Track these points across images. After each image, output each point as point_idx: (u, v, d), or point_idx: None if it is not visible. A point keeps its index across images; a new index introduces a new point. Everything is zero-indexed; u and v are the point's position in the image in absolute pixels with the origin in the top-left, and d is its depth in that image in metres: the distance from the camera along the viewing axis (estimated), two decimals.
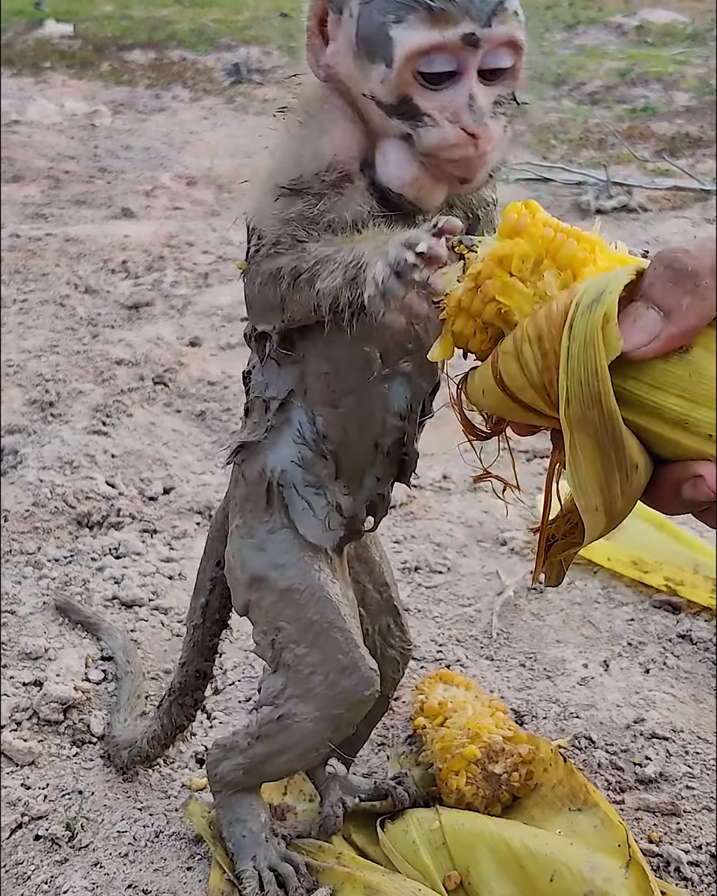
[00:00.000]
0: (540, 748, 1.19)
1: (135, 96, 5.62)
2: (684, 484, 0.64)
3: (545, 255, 0.68)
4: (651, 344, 0.61)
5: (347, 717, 0.96)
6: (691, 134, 4.65)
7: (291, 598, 0.96)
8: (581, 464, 0.65)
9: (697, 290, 0.60)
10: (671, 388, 0.63)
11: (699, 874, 1.14)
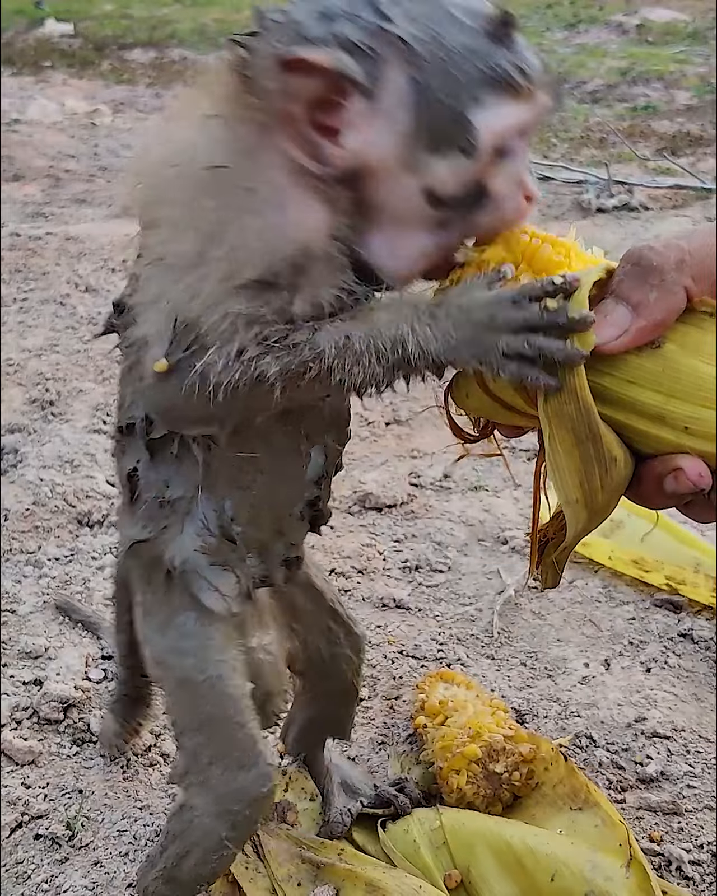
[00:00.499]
0: (541, 747, 1.19)
1: (135, 95, 5.61)
2: (665, 477, 0.65)
3: (522, 260, 0.70)
4: (622, 337, 0.63)
5: (244, 815, 0.90)
6: (692, 133, 4.64)
7: (189, 689, 0.90)
8: (561, 457, 0.67)
9: (663, 285, 0.62)
10: (646, 382, 0.65)
11: (701, 873, 1.14)
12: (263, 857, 1.10)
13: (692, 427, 0.64)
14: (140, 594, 0.92)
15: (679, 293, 0.63)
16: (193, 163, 0.70)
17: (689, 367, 0.64)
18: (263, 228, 0.68)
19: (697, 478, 0.64)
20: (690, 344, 0.65)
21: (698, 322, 0.65)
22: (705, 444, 0.64)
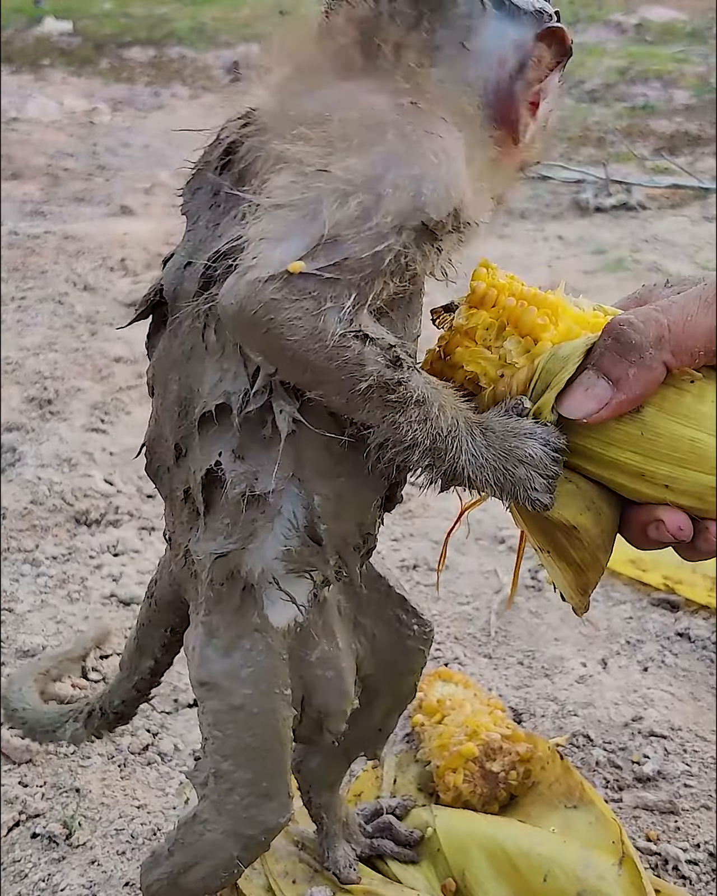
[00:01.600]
0: (538, 746, 1.19)
1: (134, 94, 5.61)
2: (649, 526, 0.69)
3: (508, 323, 0.72)
4: (602, 411, 0.66)
5: (257, 840, 0.89)
6: (690, 132, 4.64)
7: (237, 717, 0.86)
8: (522, 517, 0.73)
9: (642, 361, 0.65)
10: (626, 445, 0.68)
11: (698, 872, 1.14)
12: None
13: (672, 485, 0.68)
14: (204, 613, 0.85)
15: (658, 368, 0.65)
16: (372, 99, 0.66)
17: (667, 430, 0.67)
18: (447, 176, 0.65)
19: (676, 531, 0.68)
20: (668, 407, 0.67)
21: (678, 385, 0.67)
22: (686, 499, 0.68)
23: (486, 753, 1.16)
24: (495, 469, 0.69)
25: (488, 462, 0.69)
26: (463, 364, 0.72)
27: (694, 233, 3.36)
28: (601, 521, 0.71)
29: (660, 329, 0.65)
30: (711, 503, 0.67)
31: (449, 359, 0.73)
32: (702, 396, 0.67)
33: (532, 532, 0.73)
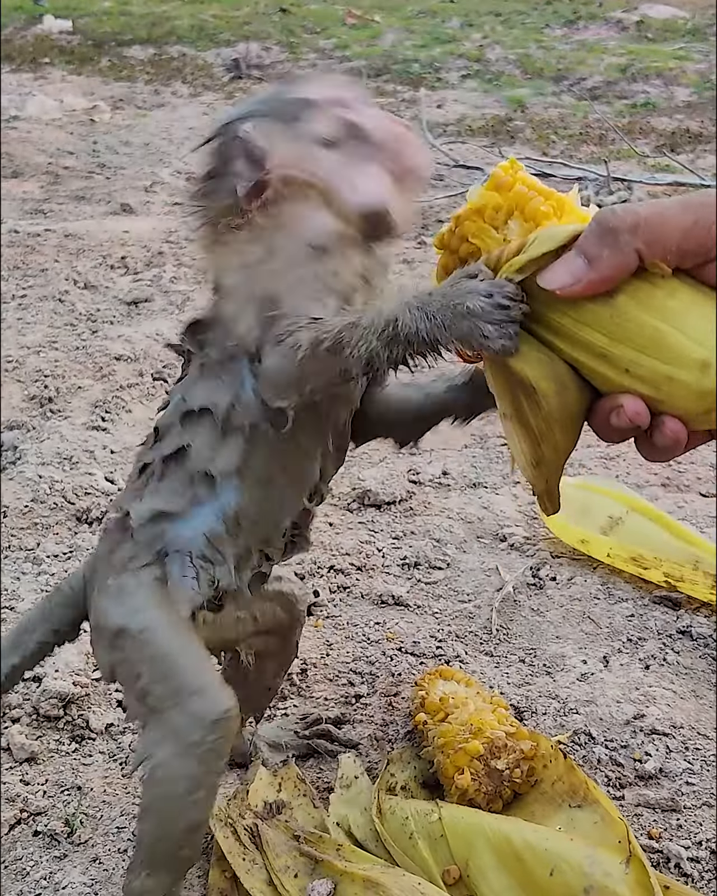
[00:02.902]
0: (540, 744, 1.19)
1: (134, 92, 5.61)
2: (611, 413, 0.74)
3: (515, 208, 0.81)
4: (575, 285, 0.72)
5: (207, 745, 0.90)
6: (691, 129, 4.64)
7: (145, 638, 0.94)
8: (491, 378, 0.78)
9: (616, 244, 0.70)
10: (596, 325, 0.73)
11: (700, 870, 1.14)
12: (261, 847, 1.11)
13: (632, 370, 0.72)
14: (112, 578, 0.98)
15: (630, 254, 0.70)
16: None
17: (635, 317, 0.72)
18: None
19: (634, 415, 0.73)
20: (639, 297, 0.72)
21: (651, 280, 0.72)
22: (643, 386, 0.73)
23: (491, 751, 1.16)
24: (441, 327, 0.78)
25: (432, 325, 0.78)
26: (469, 236, 0.82)
27: None
28: (565, 396, 0.76)
29: (636, 218, 0.70)
30: (666, 393, 0.72)
31: (458, 230, 0.83)
32: (673, 293, 0.72)
33: (498, 393, 0.77)
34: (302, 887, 1.05)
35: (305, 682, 1.42)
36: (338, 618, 1.56)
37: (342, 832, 1.15)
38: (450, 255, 0.85)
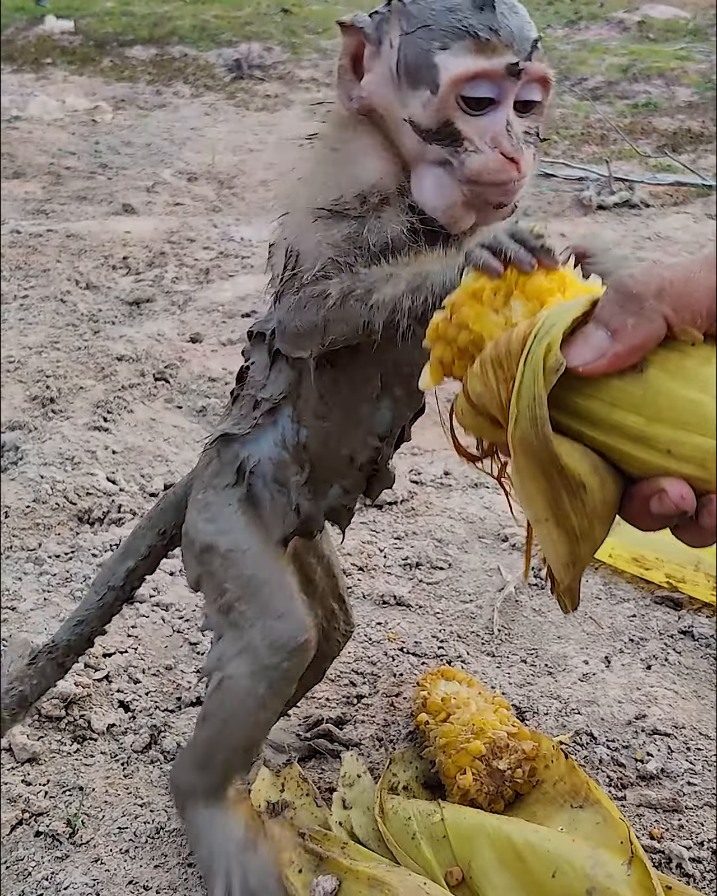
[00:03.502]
0: (542, 744, 1.19)
1: (136, 92, 5.61)
2: (651, 499, 0.67)
3: (515, 287, 0.73)
4: (599, 361, 0.66)
5: (281, 670, 0.96)
6: (692, 129, 4.64)
7: (233, 558, 1.00)
8: (526, 480, 0.69)
9: (641, 312, 0.64)
10: (629, 406, 0.66)
11: (701, 871, 1.14)
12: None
13: (674, 450, 0.66)
14: (201, 493, 1.04)
15: (657, 321, 0.65)
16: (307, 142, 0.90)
17: (670, 392, 0.66)
18: (337, 173, 0.86)
19: (679, 500, 0.66)
20: (671, 368, 0.66)
21: (680, 349, 0.66)
22: (687, 466, 0.66)
23: (493, 751, 1.16)
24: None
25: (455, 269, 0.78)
26: (469, 323, 0.73)
27: (697, 230, 3.35)
28: (605, 489, 0.69)
29: (661, 282, 0.65)
30: (712, 470, 0.65)
31: (454, 318, 0.74)
32: (706, 361, 0.66)
33: (532, 498, 0.70)
34: (306, 883, 1.05)
35: None
36: None
37: (345, 832, 1.15)
38: (446, 346, 0.75)
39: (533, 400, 0.66)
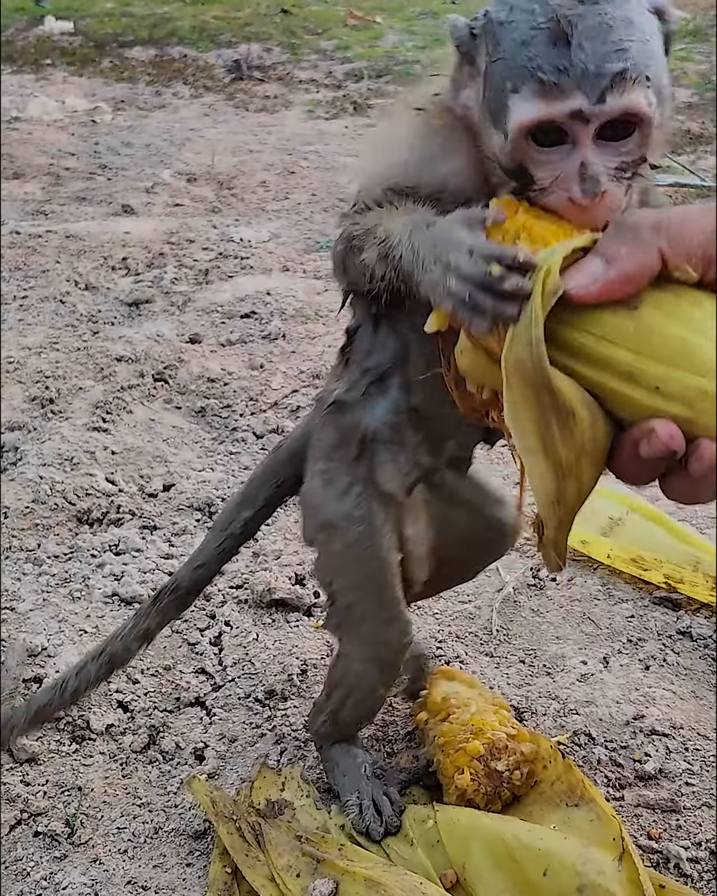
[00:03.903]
0: (540, 745, 1.19)
1: (135, 93, 5.61)
2: (640, 442, 0.67)
3: (522, 231, 0.75)
4: (592, 286, 0.67)
5: (390, 661, 1.10)
6: (692, 130, 4.64)
7: (353, 554, 1.04)
8: (517, 406, 0.69)
9: (636, 241, 0.66)
10: (620, 340, 0.68)
11: (699, 871, 1.14)
12: (264, 846, 1.11)
13: (662, 387, 0.66)
14: (322, 462, 1.06)
15: (652, 252, 0.66)
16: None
17: (661, 329, 0.67)
18: (423, 159, 0.86)
19: (668, 439, 0.66)
20: (664, 308, 0.67)
21: (674, 289, 0.68)
22: (675, 405, 0.66)
23: (491, 752, 1.16)
24: (418, 265, 0.77)
25: (412, 258, 0.78)
26: None
27: None
28: (595, 427, 0.70)
29: (658, 217, 0.67)
30: (700, 410, 0.66)
31: None
32: (698, 303, 0.67)
33: (523, 426, 0.70)
34: (304, 886, 1.06)
35: (305, 683, 1.42)
36: None
37: (344, 835, 1.15)
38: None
39: (530, 321, 0.68)
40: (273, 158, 4.20)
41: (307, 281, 2.88)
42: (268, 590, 1.57)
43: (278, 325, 2.55)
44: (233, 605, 1.58)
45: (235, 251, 3.09)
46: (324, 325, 2.59)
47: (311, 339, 2.51)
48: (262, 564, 1.67)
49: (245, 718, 1.36)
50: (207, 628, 1.53)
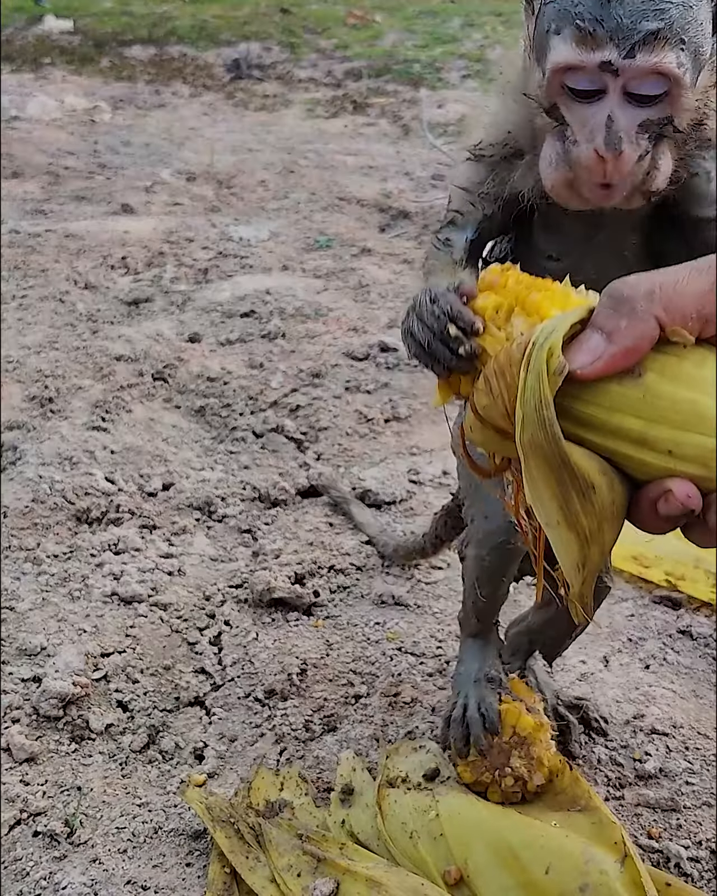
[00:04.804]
0: (564, 774, 1.17)
1: (135, 92, 5.61)
2: (658, 501, 0.68)
3: (516, 304, 0.76)
4: (596, 363, 0.67)
5: (487, 560, 1.16)
6: None
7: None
8: (538, 484, 0.70)
9: (633, 313, 0.66)
10: (629, 409, 0.68)
11: (699, 870, 1.14)
12: (264, 846, 1.11)
13: (676, 450, 0.67)
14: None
15: (650, 321, 0.66)
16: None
17: (668, 394, 0.67)
18: (491, 119, 0.90)
19: (685, 499, 0.67)
20: (668, 372, 0.68)
21: (675, 352, 0.68)
22: (689, 466, 0.67)
23: (518, 743, 1.15)
24: (403, 322, 0.83)
25: (404, 328, 0.83)
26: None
27: None
28: (614, 490, 0.70)
29: (651, 285, 0.67)
30: (714, 468, 0.66)
31: None
32: (701, 363, 0.68)
33: (543, 501, 0.71)
34: (305, 886, 1.05)
35: (304, 683, 1.42)
36: (338, 618, 1.56)
37: (344, 832, 1.15)
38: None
39: (540, 402, 0.68)
40: (272, 157, 4.20)
41: (307, 280, 2.88)
42: (267, 589, 1.57)
43: (278, 324, 2.55)
44: (232, 605, 1.58)
45: (235, 250, 3.08)
46: (323, 325, 2.58)
47: (310, 338, 2.51)
48: (261, 564, 1.67)
49: (245, 718, 1.36)
50: (207, 628, 1.53)
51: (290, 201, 3.63)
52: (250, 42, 6.56)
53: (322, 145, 4.44)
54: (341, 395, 2.23)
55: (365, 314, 2.65)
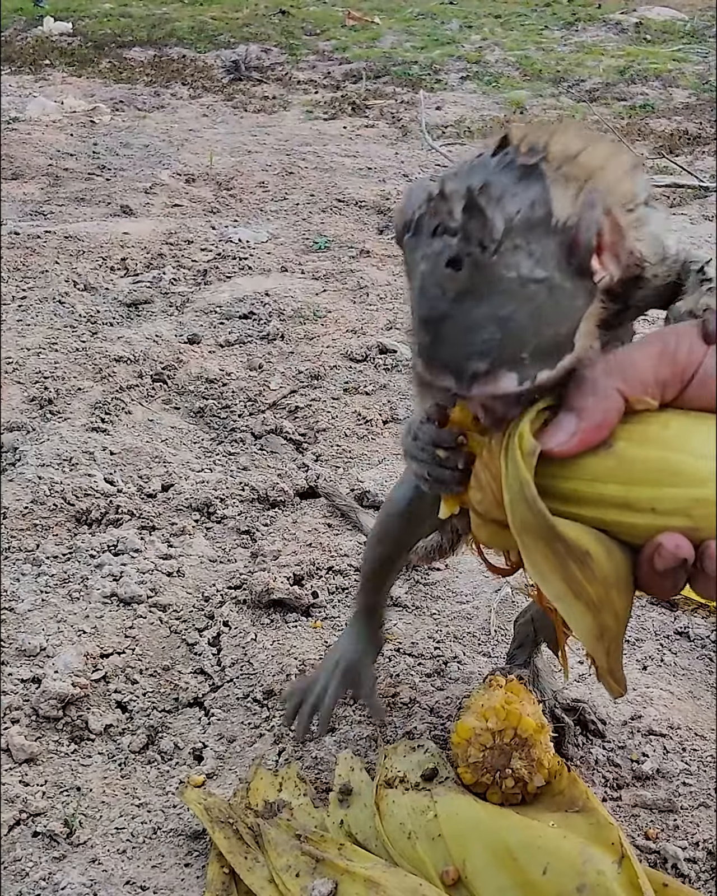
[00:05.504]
0: (562, 775, 1.17)
1: (134, 94, 5.61)
2: (653, 558, 0.72)
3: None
4: (571, 440, 0.73)
5: (386, 522, 1.20)
6: (689, 131, 4.65)
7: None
8: (536, 559, 0.74)
9: (597, 391, 0.72)
10: (607, 478, 0.73)
11: (697, 871, 1.14)
12: (263, 846, 1.11)
13: (657, 507, 0.71)
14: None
15: (612, 395, 0.72)
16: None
17: (640, 457, 0.72)
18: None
19: (674, 548, 0.70)
20: (636, 437, 0.73)
21: (641, 419, 0.73)
22: (673, 519, 0.71)
23: (516, 744, 1.15)
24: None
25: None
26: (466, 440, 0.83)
27: (694, 231, 3.36)
28: (613, 558, 0.74)
29: (608, 363, 0.73)
30: (699, 517, 0.70)
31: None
32: (666, 424, 0.73)
33: (546, 577, 0.74)
34: (303, 886, 1.06)
35: None
36: (337, 619, 1.57)
37: (343, 832, 1.15)
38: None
39: (521, 484, 0.73)
40: (272, 159, 4.20)
41: (306, 281, 2.88)
42: (266, 590, 1.57)
43: (277, 325, 2.56)
44: (231, 606, 1.58)
45: (234, 252, 3.09)
46: (322, 326, 2.59)
47: (309, 339, 2.51)
48: (260, 565, 1.67)
49: (244, 719, 1.37)
50: (206, 628, 1.54)
51: (289, 203, 3.63)
52: (249, 44, 6.57)
53: (321, 147, 4.45)
54: (340, 397, 2.24)
55: (364, 316, 2.66)
